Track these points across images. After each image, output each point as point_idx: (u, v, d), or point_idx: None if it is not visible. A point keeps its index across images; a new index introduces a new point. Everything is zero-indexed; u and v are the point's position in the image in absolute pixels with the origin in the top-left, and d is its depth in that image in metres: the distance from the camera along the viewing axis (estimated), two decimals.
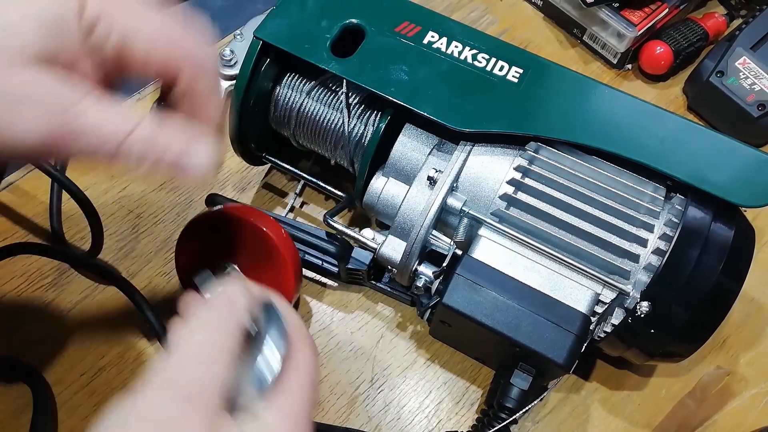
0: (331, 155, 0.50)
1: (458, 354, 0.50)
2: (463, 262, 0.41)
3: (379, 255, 0.44)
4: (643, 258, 0.40)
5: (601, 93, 0.44)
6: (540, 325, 0.39)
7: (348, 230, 0.47)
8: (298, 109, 0.48)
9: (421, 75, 0.44)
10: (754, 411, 0.49)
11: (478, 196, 0.43)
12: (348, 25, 0.46)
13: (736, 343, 0.51)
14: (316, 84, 0.48)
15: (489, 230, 0.42)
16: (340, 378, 0.49)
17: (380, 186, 0.46)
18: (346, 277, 0.50)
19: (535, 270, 0.41)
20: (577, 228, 0.41)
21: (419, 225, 0.42)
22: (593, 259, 0.40)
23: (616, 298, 0.40)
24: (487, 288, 0.40)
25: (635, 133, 0.42)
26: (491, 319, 0.39)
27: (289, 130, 0.50)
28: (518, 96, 0.43)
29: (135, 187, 0.56)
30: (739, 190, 0.40)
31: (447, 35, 0.45)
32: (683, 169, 0.41)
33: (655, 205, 0.41)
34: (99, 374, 0.48)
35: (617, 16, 0.60)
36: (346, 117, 0.46)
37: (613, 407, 0.49)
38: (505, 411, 0.42)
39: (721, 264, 0.38)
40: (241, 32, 0.60)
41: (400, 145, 0.45)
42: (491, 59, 0.45)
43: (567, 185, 0.42)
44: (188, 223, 0.47)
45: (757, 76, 0.57)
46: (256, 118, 0.49)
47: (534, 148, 0.43)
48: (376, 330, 0.51)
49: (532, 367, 0.42)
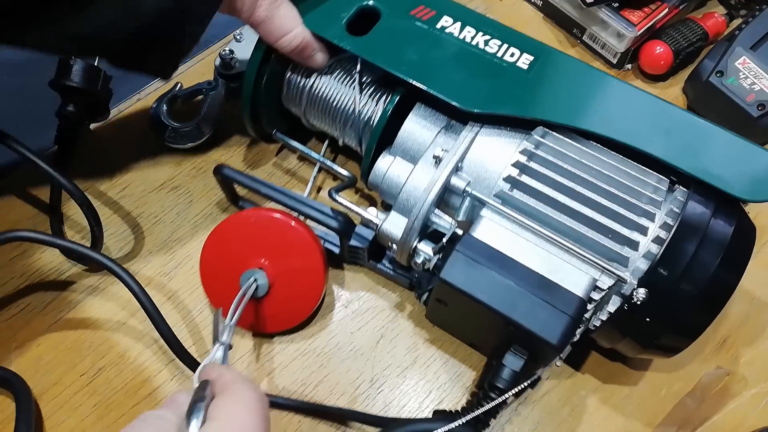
0: (340, 135, 0.51)
1: (458, 354, 0.50)
2: (463, 240, 0.41)
3: (380, 231, 0.45)
4: (643, 246, 0.40)
5: (609, 83, 0.44)
6: (536, 305, 0.39)
7: (352, 206, 0.47)
8: (311, 87, 0.49)
9: (433, 57, 0.45)
10: (754, 411, 0.49)
11: (483, 177, 0.43)
12: (364, 6, 0.47)
13: (736, 343, 0.51)
14: (329, 63, 0.49)
15: (491, 211, 0.42)
16: (340, 378, 0.49)
17: (386, 165, 0.46)
18: (348, 255, 0.51)
19: (535, 252, 0.41)
20: (579, 213, 0.41)
21: (422, 202, 0.43)
22: (593, 244, 0.41)
23: (613, 285, 0.40)
24: (485, 266, 0.40)
25: (642, 123, 0.42)
26: (487, 296, 0.39)
27: (300, 109, 0.51)
28: (528, 82, 0.44)
29: (135, 187, 0.56)
30: (742, 184, 0.40)
31: (461, 20, 0.46)
32: (687, 161, 0.41)
33: (657, 195, 0.41)
34: (99, 374, 0.48)
35: (617, 16, 0.60)
36: (358, 95, 0.47)
37: (613, 407, 0.49)
38: (495, 391, 0.42)
39: (718, 258, 0.39)
40: (241, 32, 0.60)
41: (409, 124, 0.46)
42: (503, 45, 0.45)
43: (571, 171, 0.42)
44: (215, 229, 0.48)
45: (757, 76, 0.58)
46: (269, 95, 0.50)
47: (541, 133, 0.43)
48: (376, 330, 0.51)
49: (525, 349, 0.42)
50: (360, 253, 0.50)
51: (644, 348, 0.43)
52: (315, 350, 0.50)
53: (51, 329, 0.50)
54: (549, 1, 0.65)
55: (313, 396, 0.48)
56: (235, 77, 0.59)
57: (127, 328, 0.50)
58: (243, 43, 0.60)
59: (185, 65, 0.62)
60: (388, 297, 0.52)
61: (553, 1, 0.65)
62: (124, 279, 0.46)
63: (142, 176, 0.56)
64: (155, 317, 0.46)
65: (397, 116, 0.46)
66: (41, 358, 0.48)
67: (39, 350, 0.49)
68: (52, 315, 0.50)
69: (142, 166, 0.57)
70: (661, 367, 0.50)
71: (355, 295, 0.52)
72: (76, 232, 0.54)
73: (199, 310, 0.51)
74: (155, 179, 0.56)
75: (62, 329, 0.50)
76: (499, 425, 0.47)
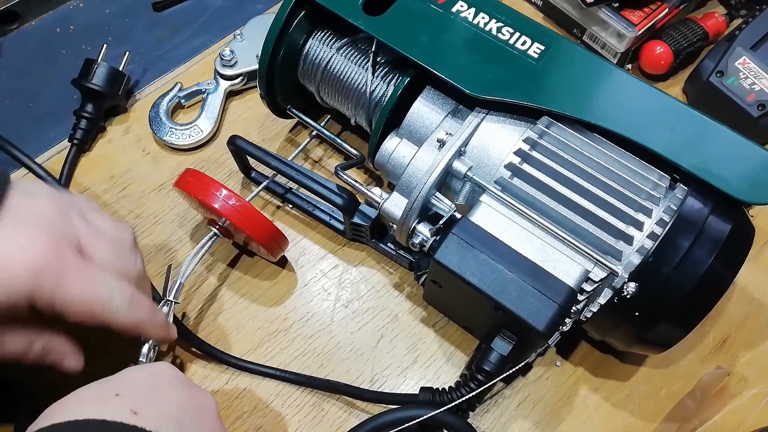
0: (352, 113, 0.52)
1: (458, 355, 0.50)
2: (459, 223, 0.42)
3: (381, 209, 0.46)
4: (637, 240, 0.40)
5: (618, 77, 0.44)
6: (526, 291, 0.39)
7: (357, 184, 0.48)
8: (326, 64, 0.50)
9: (445, 40, 0.45)
10: (754, 411, 0.49)
11: (484, 163, 0.44)
12: None
13: (736, 343, 0.51)
14: (345, 42, 0.50)
15: (490, 197, 0.43)
16: (340, 378, 0.49)
17: (393, 146, 0.47)
18: (351, 233, 0.52)
19: (530, 240, 0.41)
20: (577, 204, 0.41)
21: (422, 183, 0.43)
22: (588, 236, 0.41)
23: (606, 277, 0.40)
24: (479, 250, 0.41)
25: (647, 119, 0.42)
26: (479, 279, 0.40)
27: (314, 85, 0.52)
28: (537, 70, 0.44)
29: (135, 187, 0.56)
30: (742, 185, 0.40)
31: (475, 6, 0.47)
32: (689, 160, 0.41)
33: (657, 191, 0.41)
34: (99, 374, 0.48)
35: (617, 16, 0.60)
36: (370, 75, 0.48)
37: (613, 407, 0.49)
38: (482, 373, 0.43)
39: (711, 257, 0.39)
40: (241, 32, 0.60)
41: (418, 106, 0.47)
42: (515, 33, 0.46)
43: (572, 162, 0.42)
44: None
45: (757, 76, 0.57)
46: (285, 70, 0.51)
47: (545, 123, 0.43)
48: (376, 330, 0.51)
49: (515, 334, 0.42)
50: (363, 231, 0.51)
51: (632, 342, 0.43)
52: (315, 350, 0.50)
53: None
54: (549, 1, 0.65)
55: (313, 396, 0.48)
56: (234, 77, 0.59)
57: None
58: (243, 43, 0.60)
59: (185, 65, 0.62)
60: (389, 297, 0.52)
61: (553, 1, 0.65)
62: None
63: (142, 176, 0.56)
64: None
65: (407, 98, 0.47)
66: None
67: None
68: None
69: (142, 166, 0.57)
70: (661, 367, 0.50)
71: (356, 295, 0.52)
72: None
73: (199, 310, 0.51)
74: (155, 179, 0.56)
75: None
76: (499, 423, 0.48)
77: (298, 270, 0.53)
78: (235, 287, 0.52)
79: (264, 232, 0.47)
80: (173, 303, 0.46)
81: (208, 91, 0.59)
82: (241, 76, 0.60)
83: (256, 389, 0.48)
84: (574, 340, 0.51)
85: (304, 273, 0.53)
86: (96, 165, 0.57)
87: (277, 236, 0.48)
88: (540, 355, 0.50)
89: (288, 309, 0.51)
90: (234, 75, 0.59)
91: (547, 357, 0.50)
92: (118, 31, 0.64)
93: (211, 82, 0.60)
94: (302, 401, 0.48)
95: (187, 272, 0.47)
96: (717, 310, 0.50)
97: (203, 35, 0.65)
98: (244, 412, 0.47)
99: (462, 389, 0.44)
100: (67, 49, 0.63)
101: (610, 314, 0.41)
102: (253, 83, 0.61)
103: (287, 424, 0.47)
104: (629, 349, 0.45)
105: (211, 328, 0.50)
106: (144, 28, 0.65)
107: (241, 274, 0.53)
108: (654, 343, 0.43)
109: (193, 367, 0.49)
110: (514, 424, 0.48)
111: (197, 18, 0.66)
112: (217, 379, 0.49)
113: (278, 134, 0.59)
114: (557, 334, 0.44)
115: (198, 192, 0.46)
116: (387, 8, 0.47)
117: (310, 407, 0.48)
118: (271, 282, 0.53)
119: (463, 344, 0.50)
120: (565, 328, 0.43)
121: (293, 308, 0.51)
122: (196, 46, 0.64)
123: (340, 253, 0.54)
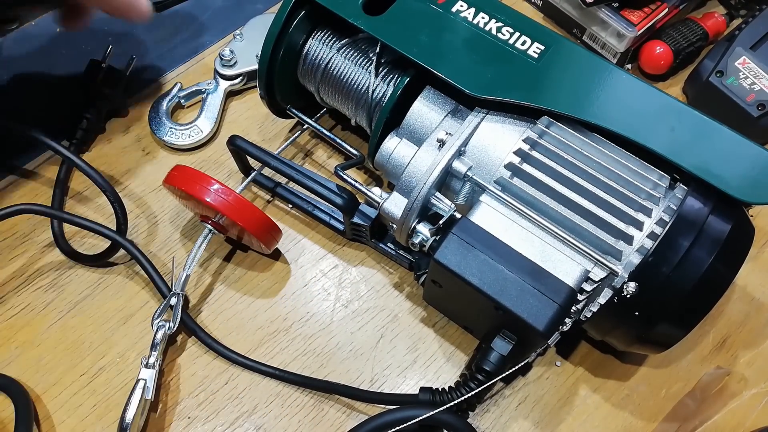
0: (351, 114, 0.52)
1: (458, 355, 0.50)
2: (459, 223, 0.42)
3: (381, 209, 0.46)
4: (637, 240, 0.40)
5: (618, 77, 0.44)
6: (526, 291, 0.39)
7: (357, 184, 0.48)
8: (326, 64, 0.50)
9: (445, 40, 0.45)
10: (754, 411, 0.48)
11: (484, 163, 0.44)
12: None
13: (736, 343, 0.51)
14: (345, 42, 0.50)
15: (490, 197, 0.43)
16: (340, 378, 0.49)
17: (392, 146, 0.47)
18: (350, 233, 0.52)
19: (530, 240, 0.41)
20: (577, 204, 0.41)
21: (422, 183, 0.43)
22: (588, 236, 0.41)
23: (606, 277, 0.40)
24: (479, 250, 0.41)
25: (647, 119, 0.42)
26: (479, 279, 0.40)
27: (314, 85, 0.52)
28: (536, 70, 0.44)
29: (135, 187, 0.56)
30: (742, 185, 0.40)
31: (475, 6, 0.47)
32: (689, 159, 0.41)
33: (657, 191, 0.41)
34: (99, 374, 0.48)
35: (617, 16, 0.60)
36: (372, 76, 0.48)
37: (613, 407, 0.49)
38: (482, 373, 0.43)
39: (711, 257, 0.38)
40: (241, 32, 0.60)
41: (417, 106, 0.47)
42: (515, 33, 0.46)
43: (572, 162, 0.42)
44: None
45: (757, 75, 0.57)
46: (285, 70, 0.51)
47: (545, 123, 0.43)
48: (375, 330, 0.51)
49: (514, 334, 0.42)
50: (363, 231, 0.51)
51: (632, 342, 0.43)
52: (315, 350, 0.50)
53: (51, 329, 0.50)
54: (549, 1, 0.65)
55: (313, 396, 0.48)
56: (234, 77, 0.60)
57: (127, 328, 0.50)
58: (243, 43, 0.60)
59: (185, 65, 0.62)
60: (389, 297, 0.52)
61: (553, 1, 0.65)
62: (144, 265, 0.49)
63: (142, 176, 0.56)
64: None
65: (406, 98, 0.47)
66: (41, 358, 0.49)
67: (39, 350, 0.49)
68: (52, 315, 0.50)
69: (142, 166, 0.57)
70: (661, 367, 0.50)
71: (356, 294, 0.52)
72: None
73: (198, 310, 0.51)
74: (155, 179, 0.56)
75: (62, 329, 0.50)
76: (499, 423, 0.48)
77: (297, 270, 0.53)
78: (235, 287, 0.52)
79: (256, 222, 0.47)
80: (181, 295, 0.46)
81: (207, 91, 0.59)
82: (240, 76, 0.60)
83: (256, 389, 0.48)
84: (574, 340, 0.51)
85: (304, 273, 0.53)
86: (96, 165, 0.56)
87: (270, 226, 0.48)
88: (540, 355, 0.50)
89: (288, 309, 0.51)
90: (234, 75, 0.59)
91: (547, 357, 0.50)
92: (118, 31, 0.64)
93: (211, 82, 0.60)
94: (302, 401, 0.48)
95: (192, 264, 0.47)
96: (717, 310, 0.50)
97: (203, 35, 0.65)
98: (244, 412, 0.47)
99: (462, 389, 0.44)
100: (67, 49, 0.63)
101: (610, 314, 0.41)
102: (252, 83, 0.61)
103: (287, 424, 0.47)
104: (629, 349, 0.45)
105: (211, 328, 0.50)
106: (144, 28, 0.65)
107: (240, 275, 0.53)
108: (654, 343, 0.43)
109: (194, 367, 0.49)
110: (514, 424, 0.48)
111: (197, 18, 0.66)
112: (218, 380, 0.49)
113: (278, 134, 0.59)
114: (557, 334, 0.44)
115: (187, 186, 0.46)
116: (387, 8, 0.47)
117: (310, 407, 0.48)
118: (271, 282, 0.53)
119: (463, 344, 0.50)
120: (565, 328, 0.43)
121: (293, 308, 0.52)
122: (195, 46, 0.64)
123: (340, 253, 0.54)
